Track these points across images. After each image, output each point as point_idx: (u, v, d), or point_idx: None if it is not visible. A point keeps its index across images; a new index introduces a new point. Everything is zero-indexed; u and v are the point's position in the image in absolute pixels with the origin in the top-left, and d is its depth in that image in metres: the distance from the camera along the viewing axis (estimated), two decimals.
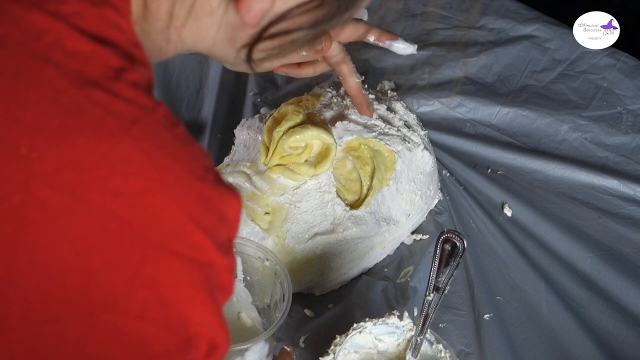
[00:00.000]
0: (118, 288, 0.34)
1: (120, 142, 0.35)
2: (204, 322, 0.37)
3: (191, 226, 0.36)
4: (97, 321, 0.34)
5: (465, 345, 0.75)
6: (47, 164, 0.33)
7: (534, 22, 1.13)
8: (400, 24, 1.16)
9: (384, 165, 0.82)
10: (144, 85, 0.38)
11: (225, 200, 0.39)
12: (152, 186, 0.35)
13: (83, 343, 0.34)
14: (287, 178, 0.77)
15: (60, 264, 0.33)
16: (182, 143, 0.38)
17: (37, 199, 0.33)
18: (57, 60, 0.35)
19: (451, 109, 1.03)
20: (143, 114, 0.36)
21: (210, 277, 0.37)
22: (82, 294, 0.33)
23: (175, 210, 0.35)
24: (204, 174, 0.38)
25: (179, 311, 0.36)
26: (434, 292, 0.65)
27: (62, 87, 0.35)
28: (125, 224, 0.34)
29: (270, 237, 0.77)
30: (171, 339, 0.36)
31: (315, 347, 0.74)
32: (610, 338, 0.77)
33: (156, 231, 0.35)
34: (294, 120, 0.77)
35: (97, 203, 0.34)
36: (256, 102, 1.05)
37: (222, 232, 0.38)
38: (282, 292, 0.67)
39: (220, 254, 0.37)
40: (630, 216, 0.89)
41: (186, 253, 0.36)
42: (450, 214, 0.89)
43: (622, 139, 0.98)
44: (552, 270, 0.84)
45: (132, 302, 0.34)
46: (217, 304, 0.38)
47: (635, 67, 1.06)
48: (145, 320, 0.35)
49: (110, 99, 0.35)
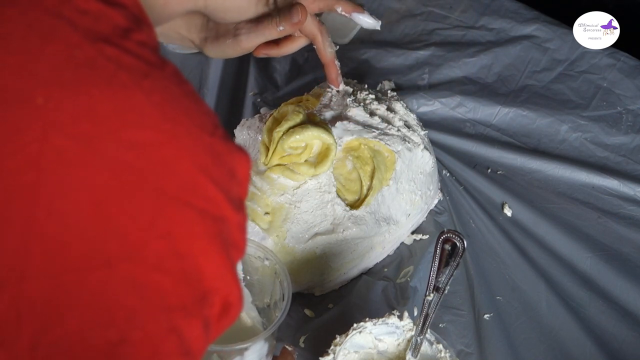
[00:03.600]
0: (134, 238, 0.34)
1: (133, 94, 0.35)
2: (219, 276, 0.37)
3: (203, 179, 0.36)
4: (114, 271, 0.34)
5: (465, 345, 0.75)
6: (63, 114, 0.33)
7: (534, 22, 1.13)
8: (400, 24, 1.16)
9: (384, 165, 0.82)
10: (150, 45, 0.38)
11: (234, 157, 0.39)
12: (164, 138, 0.35)
13: (101, 293, 0.34)
14: (287, 178, 0.77)
15: (78, 214, 0.33)
16: (191, 99, 0.38)
17: (54, 148, 0.33)
18: (69, 17, 0.36)
19: (451, 109, 1.03)
20: (153, 69, 0.37)
21: (223, 232, 0.37)
22: (100, 244, 0.34)
23: (187, 163, 0.36)
24: (213, 129, 0.38)
25: (194, 263, 0.36)
26: (434, 292, 0.65)
27: (75, 42, 0.35)
28: (140, 175, 0.34)
29: (270, 237, 0.77)
30: (187, 291, 0.36)
31: (315, 347, 0.74)
32: (610, 338, 0.77)
33: (170, 182, 0.35)
34: (294, 120, 0.77)
35: (113, 154, 0.34)
36: (256, 102, 1.05)
37: (234, 188, 0.38)
38: (282, 292, 0.67)
39: (233, 209, 0.38)
40: (630, 216, 0.89)
41: (199, 205, 0.36)
42: (450, 214, 0.89)
43: (622, 139, 0.98)
44: (552, 270, 0.84)
45: (148, 252, 0.35)
46: (231, 260, 0.38)
47: (635, 67, 1.06)
48: (161, 271, 0.35)
49: (121, 54, 0.36)
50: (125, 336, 0.34)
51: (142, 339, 0.35)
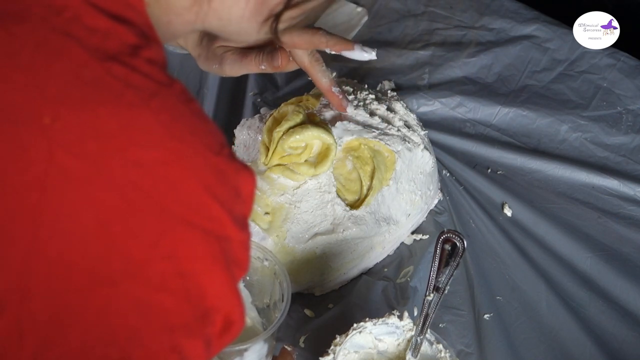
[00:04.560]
0: (138, 258, 0.34)
1: (140, 113, 0.35)
2: (221, 295, 0.37)
3: (208, 198, 0.36)
4: (118, 290, 0.34)
5: (465, 345, 0.75)
6: (70, 133, 0.33)
7: (534, 22, 1.13)
8: (400, 24, 1.16)
9: (384, 165, 0.82)
10: (159, 62, 0.39)
11: (240, 176, 0.39)
12: (170, 157, 0.35)
13: (103, 312, 0.34)
14: (287, 178, 0.77)
15: (82, 233, 0.33)
16: (198, 118, 0.38)
17: (60, 167, 0.33)
18: (77, 35, 0.36)
19: (451, 109, 1.03)
20: (160, 88, 0.37)
21: (226, 251, 0.37)
22: (104, 263, 0.34)
23: (193, 182, 0.36)
24: (219, 148, 0.38)
25: (196, 283, 0.36)
26: (434, 292, 0.65)
27: (83, 61, 0.35)
28: (145, 194, 0.34)
29: (270, 237, 0.77)
30: (189, 311, 0.36)
31: (315, 347, 0.74)
32: (610, 338, 0.77)
33: (175, 202, 0.35)
34: (294, 120, 0.77)
35: (118, 172, 0.34)
36: (256, 102, 1.05)
37: (238, 207, 0.38)
38: (282, 292, 0.67)
39: (237, 228, 0.38)
40: (630, 216, 0.89)
41: (204, 225, 0.36)
42: (450, 214, 0.89)
43: (622, 139, 0.98)
44: (552, 270, 0.84)
45: (152, 272, 0.35)
46: (234, 278, 0.38)
47: (635, 67, 1.06)
48: (164, 291, 0.35)
49: (129, 73, 0.36)
50: (126, 355, 0.34)
51: (144, 358, 0.35)
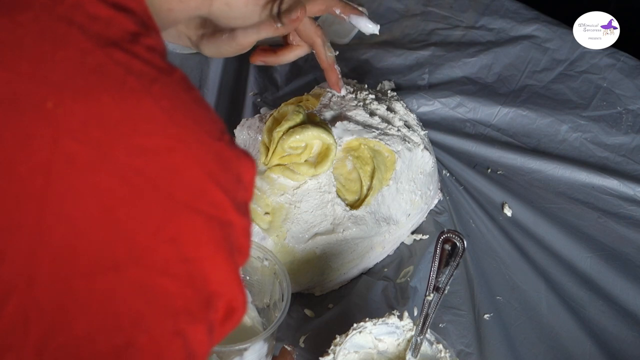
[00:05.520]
0: (142, 243, 0.35)
1: (142, 100, 0.35)
2: (224, 281, 0.37)
3: (211, 185, 0.37)
4: (122, 276, 0.34)
5: (465, 345, 0.75)
6: (74, 120, 0.34)
7: (534, 22, 1.13)
8: (400, 24, 1.16)
9: (384, 165, 0.82)
10: (159, 50, 0.39)
11: (241, 162, 0.39)
12: (173, 144, 0.36)
13: (108, 298, 0.34)
14: (287, 178, 0.77)
15: (87, 219, 0.33)
16: (199, 105, 0.39)
17: (65, 153, 0.33)
18: (80, 23, 0.36)
19: (451, 109, 1.03)
20: (161, 74, 0.37)
21: (229, 237, 0.38)
22: (108, 249, 0.34)
23: (195, 168, 0.36)
24: (220, 135, 0.39)
25: (200, 268, 0.36)
26: (434, 292, 0.65)
27: (86, 48, 0.35)
28: (149, 180, 0.35)
29: (270, 237, 0.77)
30: (193, 295, 0.36)
31: (315, 347, 0.74)
32: (610, 338, 0.77)
33: (178, 188, 0.36)
34: (294, 120, 0.77)
35: (122, 159, 0.34)
36: (256, 102, 1.05)
37: (240, 193, 0.39)
38: (281, 292, 0.67)
39: (238, 214, 0.38)
40: (630, 216, 0.89)
41: (207, 211, 0.36)
42: (450, 214, 0.89)
43: (622, 139, 0.98)
44: (552, 270, 0.84)
45: (156, 257, 0.35)
46: (236, 264, 0.38)
47: (635, 67, 1.06)
48: (168, 276, 0.35)
49: (130, 59, 0.36)
50: (131, 340, 0.34)
51: (148, 343, 0.35)
